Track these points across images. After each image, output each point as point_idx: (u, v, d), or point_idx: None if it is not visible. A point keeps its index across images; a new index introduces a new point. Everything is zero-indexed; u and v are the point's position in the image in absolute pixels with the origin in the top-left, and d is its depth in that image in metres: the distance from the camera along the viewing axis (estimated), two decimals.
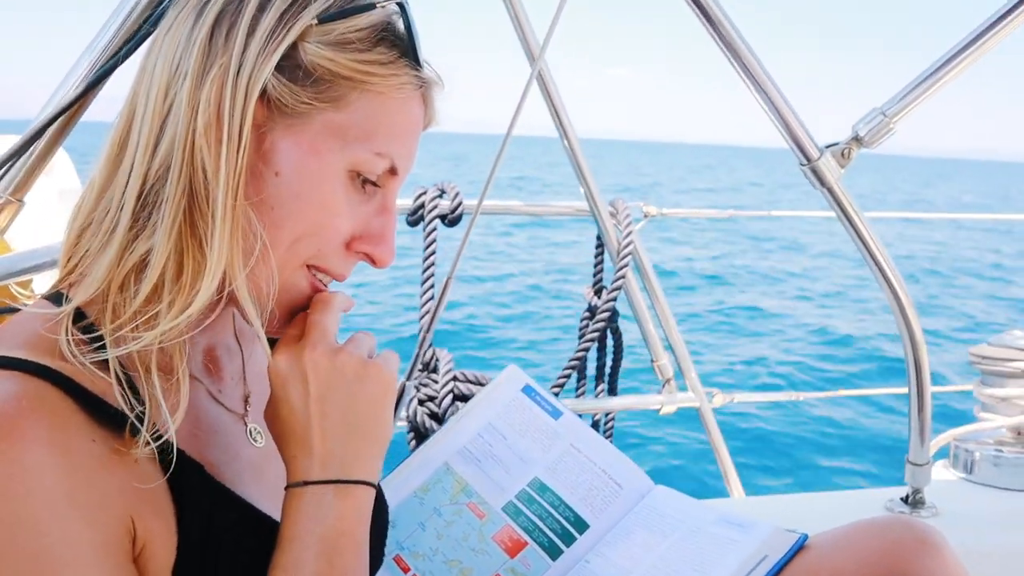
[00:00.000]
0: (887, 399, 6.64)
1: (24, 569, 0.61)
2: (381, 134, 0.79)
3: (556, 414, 1.31)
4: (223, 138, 0.72)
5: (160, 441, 0.70)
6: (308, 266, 0.82)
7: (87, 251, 0.77)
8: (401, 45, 0.81)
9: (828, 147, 1.30)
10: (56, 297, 0.77)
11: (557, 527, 1.15)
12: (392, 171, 0.82)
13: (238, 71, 0.72)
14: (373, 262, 0.85)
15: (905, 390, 1.56)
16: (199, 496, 0.74)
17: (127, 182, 0.75)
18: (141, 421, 0.70)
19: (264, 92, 0.74)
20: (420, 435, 1.87)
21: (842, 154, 1.29)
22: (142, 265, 0.74)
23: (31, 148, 0.97)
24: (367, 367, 0.82)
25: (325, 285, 0.85)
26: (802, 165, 1.32)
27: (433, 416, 1.83)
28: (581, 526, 1.15)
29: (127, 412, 0.70)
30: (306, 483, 0.78)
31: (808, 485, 5.64)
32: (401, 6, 0.81)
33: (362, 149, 0.79)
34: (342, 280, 0.86)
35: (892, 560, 0.96)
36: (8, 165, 0.97)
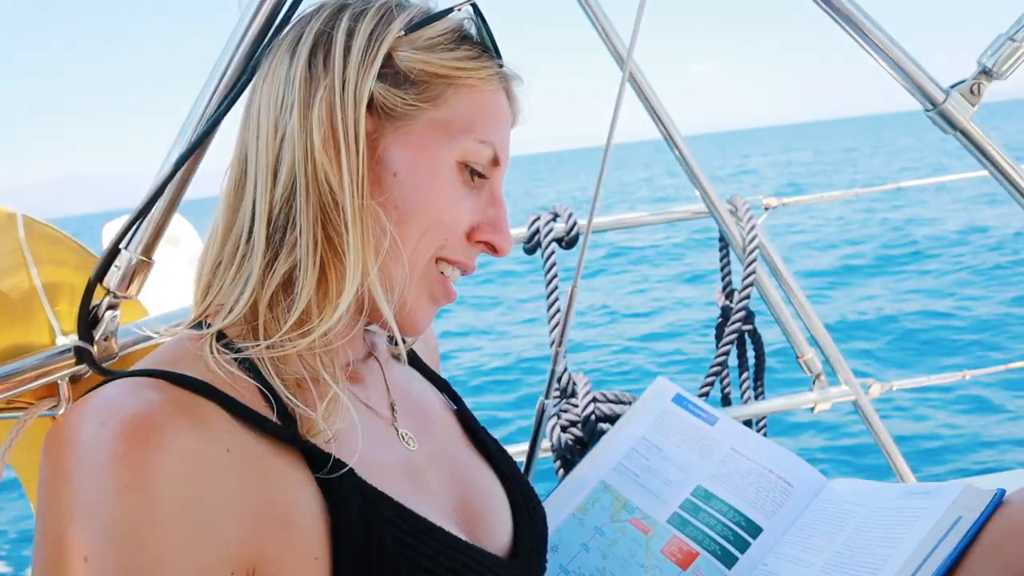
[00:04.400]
0: None
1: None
2: (480, 124, 0.85)
3: (712, 420, 1.25)
4: (340, 147, 0.77)
5: (318, 438, 0.73)
6: (437, 260, 0.87)
7: (221, 287, 0.81)
8: (480, 43, 0.88)
9: (954, 86, 1.21)
10: (197, 327, 0.80)
11: (729, 534, 1.08)
12: (495, 161, 0.87)
13: (343, 87, 0.78)
14: (494, 250, 0.89)
15: None
16: (353, 499, 0.73)
17: (253, 214, 0.79)
18: (288, 427, 0.72)
19: (370, 101, 0.80)
20: (566, 461, 1.83)
21: (971, 91, 1.19)
22: (287, 283, 0.78)
23: (153, 208, 1.00)
24: None
25: (453, 280, 0.90)
26: (927, 111, 1.22)
27: (578, 441, 1.79)
28: (754, 530, 1.08)
29: (283, 411, 0.72)
30: None
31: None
32: (474, 7, 0.87)
33: (467, 140, 0.84)
34: (470, 271, 0.90)
35: None
36: (136, 226, 1.01)
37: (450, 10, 0.85)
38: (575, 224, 1.93)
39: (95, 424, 0.62)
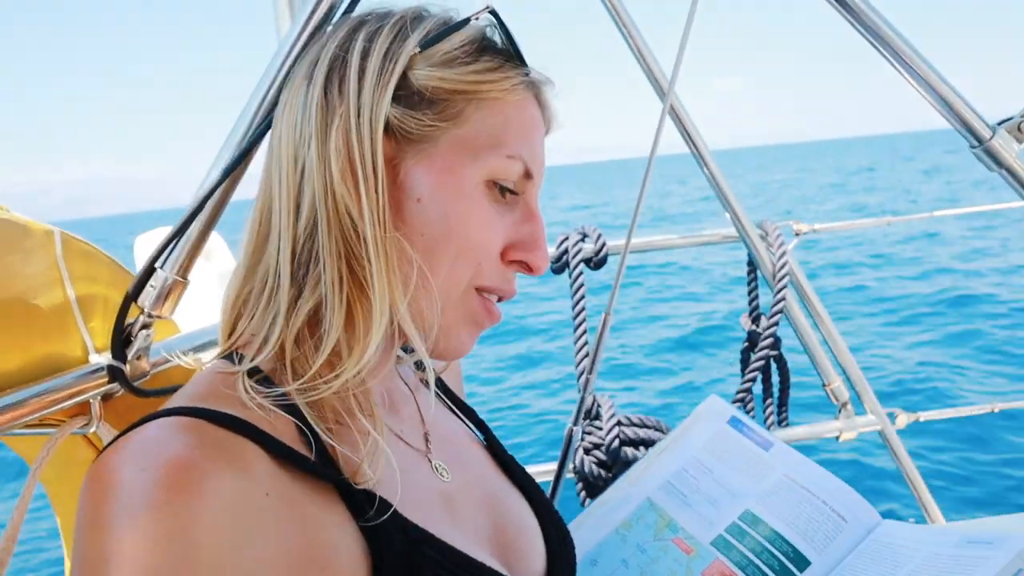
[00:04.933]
0: None
1: None
2: (506, 138, 0.80)
3: (767, 445, 1.21)
4: (359, 178, 0.73)
5: (362, 484, 0.70)
6: (476, 289, 0.82)
7: (251, 320, 0.79)
8: (503, 51, 0.83)
9: (1001, 123, 1.19)
10: (228, 358, 0.79)
11: (774, 563, 1.04)
12: (527, 175, 0.83)
13: (358, 114, 0.75)
14: (530, 270, 0.84)
15: None
16: (394, 537, 0.72)
17: (278, 249, 0.76)
18: (328, 466, 0.70)
19: (387, 126, 0.76)
20: (589, 484, 1.81)
21: (1019, 128, 1.18)
22: (314, 320, 0.75)
23: (190, 227, 1.00)
24: None
25: (496, 304, 0.86)
26: (973, 148, 1.21)
27: (601, 464, 1.78)
28: (801, 563, 1.04)
29: (321, 448, 0.70)
30: None
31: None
32: (494, 14, 0.82)
33: (493, 157, 0.79)
34: (510, 296, 0.86)
35: None
36: (172, 245, 1.00)
37: (467, 21, 0.81)
38: (604, 245, 1.92)
39: (135, 470, 0.61)
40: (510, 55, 0.83)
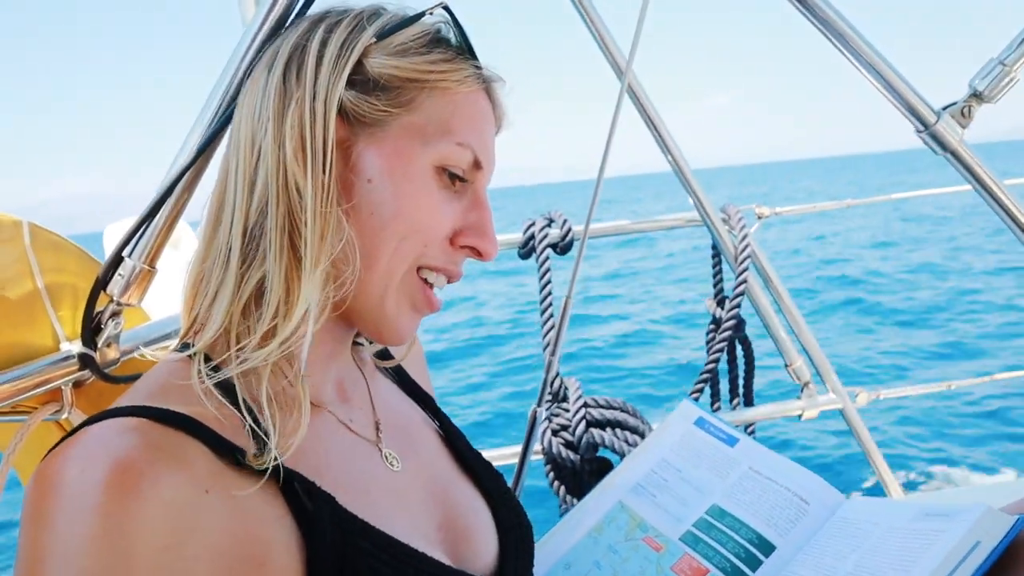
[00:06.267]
0: None
1: None
2: (456, 126, 0.83)
3: (732, 441, 1.26)
4: (308, 156, 0.76)
5: (272, 462, 0.70)
6: (419, 268, 0.85)
7: (204, 302, 0.80)
8: (455, 45, 0.86)
9: (945, 108, 1.23)
10: (183, 348, 0.80)
11: (740, 551, 1.08)
12: (476, 164, 0.86)
13: (313, 97, 0.78)
14: (479, 255, 0.87)
15: None
16: (330, 528, 0.73)
17: (231, 227, 0.79)
18: (264, 453, 0.71)
19: (341, 108, 0.79)
20: (557, 465, 1.85)
21: (962, 113, 1.22)
22: (259, 293, 0.78)
23: (156, 215, 1.02)
24: None
25: (437, 287, 0.88)
26: (919, 132, 1.25)
27: (568, 445, 1.81)
28: (766, 548, 1.08)
29: (252, 439, 0.71)
30: None
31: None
32: (447, 9, 0.86)
33: (443, 143, 0.82)
34: (457, 277, 0.88)
35: None
36: (139, 233, 1.02)
37: (423, 14, 0.85)
38: (570, 230, 1.96)
39: (78, 470, 0.62)
40: (462, 50, 0.86)
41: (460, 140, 0.83)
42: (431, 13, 0.85)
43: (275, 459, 0.71)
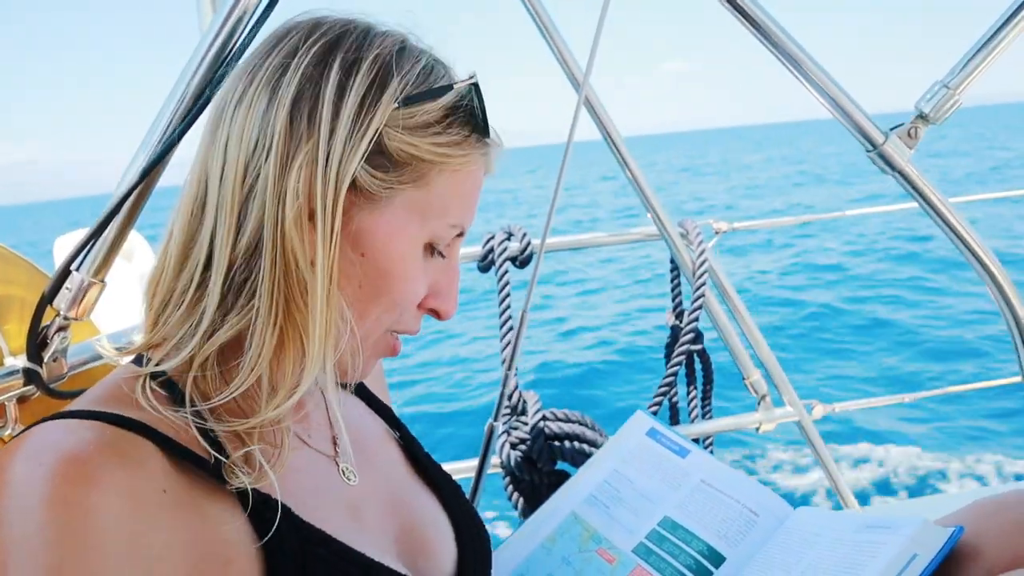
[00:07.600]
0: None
1: None
2: (455, 206, 0.82)
3: (683, 452, 1.27)
4: (318, 232, 0.73)
5: (251, 484, 0.71)
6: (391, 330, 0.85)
7: (169, 322, 0.77)
8: (472, 122, 0.82)
9: (893, 129, 1.26)
10: (139, 360, 0.80)
11: (691, 562, 1.09)
12: (460, 235, 0.86)
13: (327, 161, 0.73)
14: (438, 315, 0.87)
15: (1019, 378, 1.45)
16: (288, 538, 0.73)
17: (211, 260, 0.75)
18: (222, 468, 0.71)
19: (353, 182, 0.75)
20: (516, 479, 1.85)
21: (908, 134, 1.25)
22: (236, 344, 0.75)
23: (107, 229, 1.01)
24: None
25: (399, 340, 0.88)
26: (868, 152, 1.28)
27: (527, 459, 1.82)
28: (716, 559, 1.09)
29: (215, 457, 0.71)
30: None
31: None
32: (476, 87, 0.82)
33: (439, 224, 0.81)
34: (415, 334, 0.88)
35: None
36: (88, 247, 1.01)
37: (450, 87, 0.79)
38: (528, 244, 1.96)
39: (29, 465, 0.61)
40: (476, 126, 0.82)
41: (455, 221, 0.82)
42: (457, 86, 0.80)
43: (246, 484, 0.71)
